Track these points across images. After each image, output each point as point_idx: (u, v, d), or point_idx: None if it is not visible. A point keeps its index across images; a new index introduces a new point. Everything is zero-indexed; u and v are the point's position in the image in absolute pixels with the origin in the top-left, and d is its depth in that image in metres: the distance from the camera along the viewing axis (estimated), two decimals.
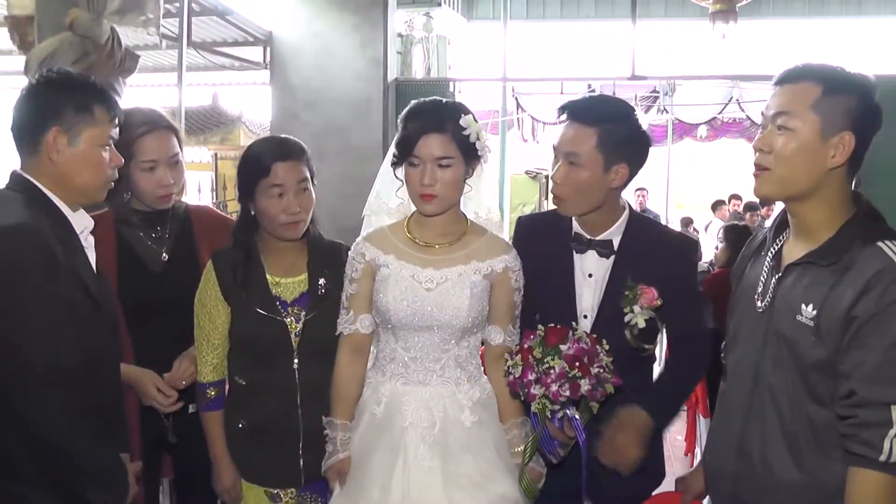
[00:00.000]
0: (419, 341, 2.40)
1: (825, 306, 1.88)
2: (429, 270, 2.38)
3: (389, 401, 2.41)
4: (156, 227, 2.78)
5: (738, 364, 2.15)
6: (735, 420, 2.11)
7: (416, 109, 2.37)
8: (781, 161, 1.95)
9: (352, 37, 8.08)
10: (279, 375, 2.57)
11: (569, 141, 2.40)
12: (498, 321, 2.45)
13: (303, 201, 2.53)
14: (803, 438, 1.95)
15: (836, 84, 1.93)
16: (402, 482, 2.31)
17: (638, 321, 2.34)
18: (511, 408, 2.44)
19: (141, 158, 2.64)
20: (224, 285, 2.58)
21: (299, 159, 2.54)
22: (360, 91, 8.06)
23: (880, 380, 1.80)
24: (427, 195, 2.32)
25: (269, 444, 2.59)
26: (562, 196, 2.44)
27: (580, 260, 2.52)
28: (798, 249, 2.01)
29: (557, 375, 2.17)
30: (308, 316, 2.57)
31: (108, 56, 3.83)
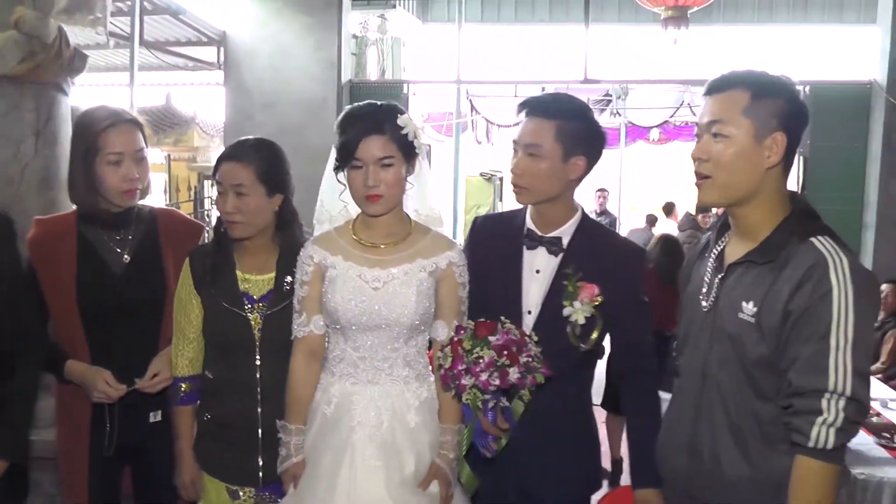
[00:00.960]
0: (368, 340, 2.43)
1: (765, 303, 1.95)
2: (375, 270, 2.41)
3: (339, 401, 2.43)
4: (119, 228, 2.73)
5: (688, 364, 2.21)
6: (686, 418, 2.17)
7: (354, 114, 2.40)
8: (721, 167, 2.02)
9: (306, 38, 8.09)
10: (241, 371, 2.59)
11: (529, 133, 2.47)
12: (444, 317, 2.47)
13: (241, 204, 2.54)
14: (750, 434, 2.02)
15: (764, 88, 2.01)
16: (348, 481, 2.33)
17: (578, 316, 2.36)
18: (450, 411, 2.46)
19: (107, 151, 2.60)
20: (196, 278, 2.62)
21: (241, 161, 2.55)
22: (315, 92, 8.09)
23: (812, 369, 1.88)
24: (372, 196, 2.35)
25: (230, 441, 2.61)
26: (522, 185, 2.49)
27: (530, 256, 2.56)
28: (739, 249, 2.08)
29: (486, 365, 2.19)
30: (268, 312, 2.60)
31: (55, 55, 3.76)
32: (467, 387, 2.22)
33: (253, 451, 2.59)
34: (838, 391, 1.86)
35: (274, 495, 2.59)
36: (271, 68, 8.16)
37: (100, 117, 2.61)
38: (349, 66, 8.47)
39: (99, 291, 2.66)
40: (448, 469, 2.40)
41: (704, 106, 2.09)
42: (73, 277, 2.62)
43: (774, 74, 2.06)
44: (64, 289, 2.62)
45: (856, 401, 1.87)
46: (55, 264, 2.64)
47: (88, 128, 2.45)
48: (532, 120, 2.47)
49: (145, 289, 2.70)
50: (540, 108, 2.48)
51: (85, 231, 2.69)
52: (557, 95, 2.64)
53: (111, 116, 2.64)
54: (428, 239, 2.49)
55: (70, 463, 2.74)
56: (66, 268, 2.62)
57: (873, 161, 7.64)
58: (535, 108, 2.49)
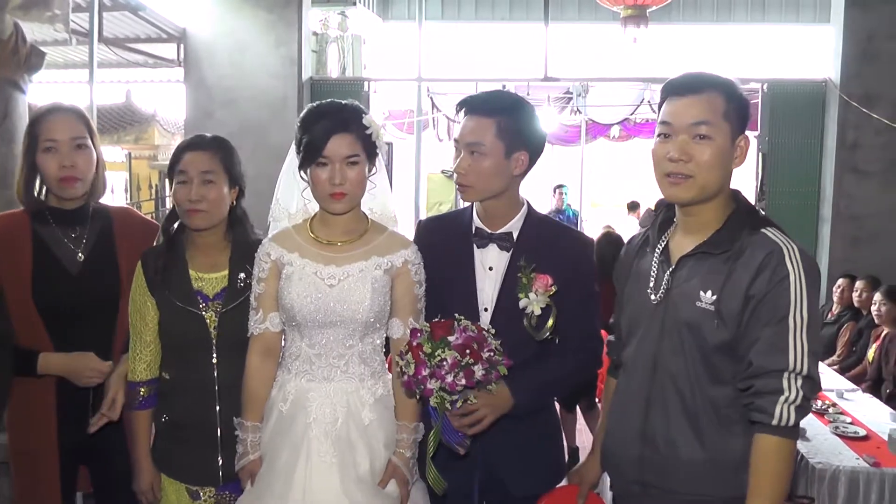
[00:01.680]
0: (323, 337, 2.44)
1: (724, 291, 2.03)
2: (331, 267, 2.43)
3: (295, 398, 2.45)
4: (74, 226, 2.70)
5: (635, 356, 2.25)
6: (635, 408, 2.21)
7: (320, 111, 2.41)
8: (705, 168, 2.07)
9: (266, 35, 8.08)
10: (198, 370, 2.57)
11: (470, 132, 2.49)
12: (399, 314, 2.49)
13: (205, 191, 2.53)
14: (705, 418, 2.08)
15: (731, 91, 2.10)
16: (304, 477, 2.35)
17: (534, 308, 2.38)
18: (407, 409, 2.48)
19: (43, 138, 2.60)
20: (149, 279, 2.59)
21: (209, 150, 2.57)
22: (276, 89, 8.08)
23: (772, 350, 1.97)
24: (337, 193, 2.37)
25: (189, 441, 2.59)
26: (467, 184, 2.51)
27: (481, 254, 2.58)
28: (687, 243, 2.15)
29: (451, 366, 2.20)
30: (223, 310, 2.59)
31: (11, 52, 3.74)
32: (434, 390, 2.22)
33: (212, 450, 2.58)
34: (797, 370, 1.95)
35: (234, 494, 2.58)
36: (231, 65, 8.13)
37: (40, 109, 2.63)
38: (310, 63, 8.46)
39: (55, 290, 2.63)
40: (405, 467, 2.43)
41: (676, 106, 2.11)
42: (28, 275, 2.60)
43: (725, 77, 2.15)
44: (20, 287, 2.59)
45: (811, 378, 1.97)
46: (10, 263, 2.60)
47: (30, 120, 2.49)
48: (472, 118, 2.49)
49: (101, 288, 2.68)
50: (478, 106, 2.51)
51: (39, 229, 2.65)
52: (495, 93, 2.68)
53: (49, 106, 2.66)
54: (384, 237, 2.51)
55: (35, 463, 2.69)
56: (21, 266, 2.59)
57: (828, 156, 7.81)
58: (473, 107, 2.51)
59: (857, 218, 7.63)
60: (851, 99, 7.51)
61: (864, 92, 7.52)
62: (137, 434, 2.64)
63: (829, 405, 4.67)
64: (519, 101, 2.57)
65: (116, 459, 2.72)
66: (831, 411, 4.57)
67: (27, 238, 2.62)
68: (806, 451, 3.95)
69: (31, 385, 2.61)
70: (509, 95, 2.62)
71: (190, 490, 2.62)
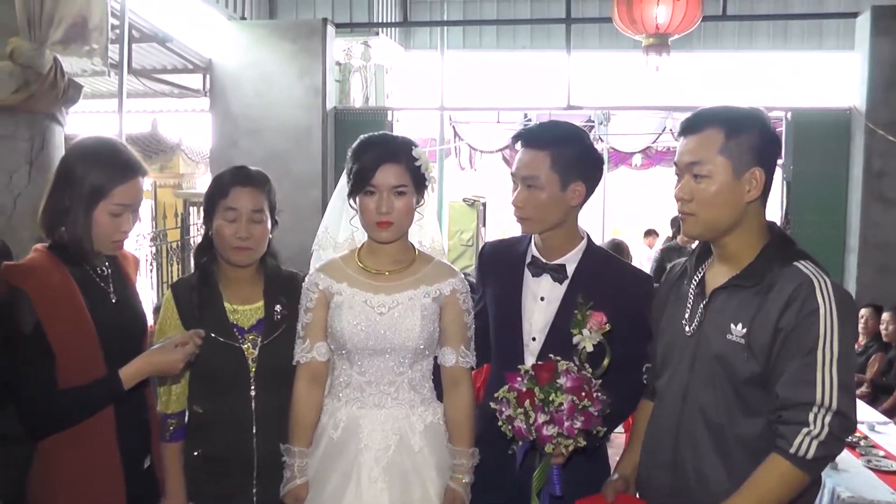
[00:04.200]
0: (374, 365, 2.47)
1: (754, 324, 2.03)
2: (381, 296, 2.46)
3: (346, 425, 2.47)
4: (95, 265, 2.53)
5: (667, 386, 2.27)
6: (666, 438, 2.23)
7: (371, 141, 2.47)
8: (703, 206, 2.11)
9: (291, 65, 8.15)
10: (235, 403, 2.57)
11: (525, 165, 2.51)
12: (450, 343, 2.52)
13: (254, 230, 2.55)
14: (735, 450, 2.08)
15: (736, 125, 2.10)
16: (354, 501, 2.38)
17: (586, 344, 2.33)
18: (464, 436, 2.51)
19: (114, 202, 2.41)
20: (183, 312, 2.59)
21: (260, 188, 2.58)
22: (300, 119, 8.13)
23: (799, 383, 1.96)
24: (384, 222, 2.41)
25: (224, 473, 2.59)
26: (524, 216, 2.54)
27: (534, 283, 2.60)
28: (721, 275, 2.16)
29: (568, 411, 2.19)
30: (264, 342, 2.60)
31: (50, 86, 3.83)
32: (553, 436, 2.20)
33: (248, 480, 2.58)
34: (825, 405, 1.94)
35: None
36: (256, 95, 8.20)
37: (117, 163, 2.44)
38: (334, 93, 8.53)
39: (112, 327, 2.44)
40: (465, 492, 2.45)
41: (681, 146, 2.17)
42: (87, 317, 2.39)
43: (745, 108, 2.16)
44: (83, 330, 2.37)
45: (841, 415, 1.95)
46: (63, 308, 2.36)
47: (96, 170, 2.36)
48: (527, 151, 2.52)
49: (135, 320, 2.62)
50: (532, 138, 2.54)
51: (72, 270, 2.43)
52: (549, 124, 2.69)
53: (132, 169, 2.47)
54: (431, 266, 2.55)
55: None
56: (76, 309, 2.38)
57: (855, 185, 7.75)
58: (528, 140, 2.54)
59: (885, 246, 7.55)
60: (877, 127, 7.46)
61: (891, 119, 7.46)
62: (169, 466, 2.63)
63: (860, 438, 4.61)
64: (574, 131, 2.61)
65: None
66: (863, 444, 4.51)
67: (70, 280, 2.41)
68: (836, 484, 3.90)
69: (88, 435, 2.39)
70: (564, 126, 2.65)
71: None
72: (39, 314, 2.29)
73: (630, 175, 16.36)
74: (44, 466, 2.39)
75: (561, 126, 2.66)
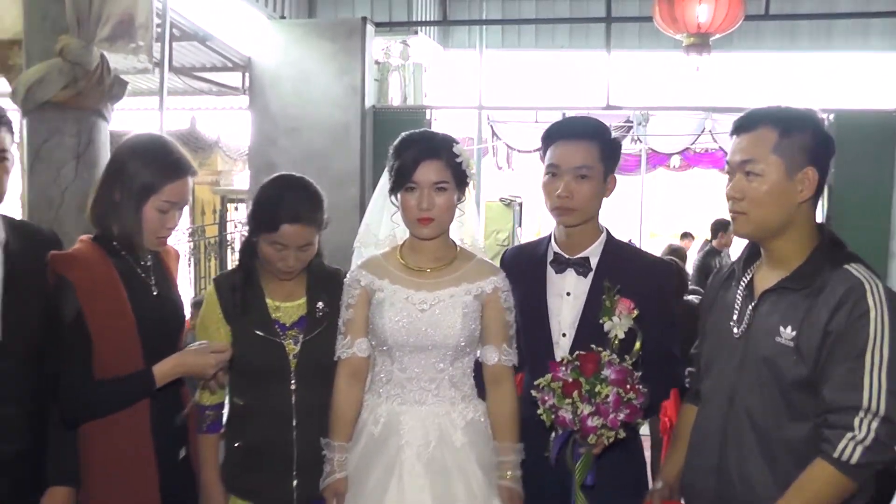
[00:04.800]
0: (415, 362, 2.49)
1: (804, 327, 2.02)
2: (422, 293, 2.49)
3: (387, 420, 2.50)
4: (139, 258, 2.57)
5: (713, 389, 2.26)
6: (712, 442, 2.22)
7: (412, 138, 2.50)
8: (755, 205, 2.10)
9: (330, 64, 8.15)
10: (276, 397, 2.60)
11: (582, 155, 2.53)
12: (492, 341, 2.54)
13: (302, 256, 2.57)
14: (782, 454, 2.07)
15: (791, 124, 2.09)
16: (396, 497, 2.40)
17: (618, 331, 2.35)
18: (510, 431, 2.52)
19: (163, 198, 2.47)
20: (225, 307, 2.62)
21: (310, 223, 2.55)
22: (338, 118, 8.13)
23: (846, 386, 1.95)
24: (424, 218, 2.44)
25: (264, 465, 2.62)
26: (572, 207, 2.54)
27: (559, 280, 2.62)
28: (771, 277, 2.15)
29: (614, 403, 2.21)
30: (306, 339, 2.62)
31: (97, 83, 3.90)
32: (597, 427, 2.21)
33: (287, 473, 2.61)
34: (872, 410, 1.92)
35: None
36: (295, 94, 8.22)
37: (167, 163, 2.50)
38: (372, 92, 8.52)
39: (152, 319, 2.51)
40: (518, 488, 2.48)
41: (733, 145, 2.17)
42: (128, 308, 2.45)
43: (799, 108, 2.16)
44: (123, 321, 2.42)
45: (889, 420, 1.93)
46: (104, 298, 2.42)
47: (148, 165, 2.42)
48: (578, 143, 2.54)
49: (175, 313, 2.67)
50: (581, 131, 2.58)
51: (115, 262, 2.50)
52: (590, 119, 2.71)
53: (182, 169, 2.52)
54: (473, 264, 2.57)
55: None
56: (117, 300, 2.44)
57: None
58: (576, 133, 2.57)
59: None
60: None
61: None
62: (206, 457, 2.67)
63: None
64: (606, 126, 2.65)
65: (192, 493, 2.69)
66: None
67: (113, 271, 2.47)
68: None
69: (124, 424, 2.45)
70: (598, 120, 2.67)
71: None
72: (81, 303, 2.36)
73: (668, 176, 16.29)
74: (82, 451, 2.44)
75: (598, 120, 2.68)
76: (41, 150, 3.99)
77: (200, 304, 2.81)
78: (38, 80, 3.79)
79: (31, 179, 4.03)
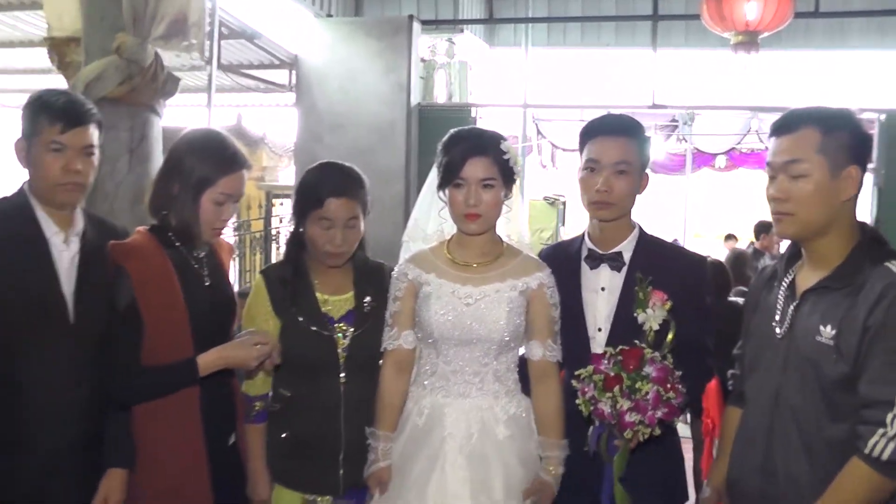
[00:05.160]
0: (459, 355, 2.53)
1: (844, 324, 2.02)
2: (468, 287, 2.52)
3: (431, 412, 2.54)
4: (193, 250, 2.63)
5: (758, 389, 2.27)
6: (758, 441, 2.23)
7: (460, 135, 2.54)
8: (802, 205, 2.11)
9: (376, 62, 8.24)
10: (325, 390, 2.65)
11: (623, 151, 2.56)
12: (537, 336, 2.56)
13: (349, 235, 2.62)
14: (826, 454, 2.07)
15: (831, 124, 2.10)
16: (438, 488, 2.43)
17: (652, 323, 2.37)
18: (555, 427, 2.54)
19: (219, 191, 2.54)
20: (275, 300, 2.67)
21: (354, 197, 2.62)
22: (384, 115, 8.21)
23: (880, 381, 1.95)
24: (472, 214, 2.47)
25: (311, 455, 2.66)
26: (611, 202, 2.57)
27: (593, 276, 2.65)
28: (812, 277, 2.16)
29: (654, 401, 2.23)
30: (355, 332, 2.67)
31: (151, 79, 4.02)
32: (634, 423, 2.23)
33: (334, 462, 2.66)
34: None
35: (353, 501, 2.66)
36: (342, 91, 8.31)
37: (223, 156, 2.57)
38: (418, 89, 8.57)
39: (203, 310, 2.57)
40: (556, 484, 2.49)
41: (775, 146, 2.17)
42: (180, 299, 2.51)
43: (837, 108, 2.16)
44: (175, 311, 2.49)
45: None
46: (158, 288, 2.49)
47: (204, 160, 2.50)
48: (616, 139, 2.57)
49: (227, 304, 2.73)
50: (622, 128, 2.61)
51: (169, 253, 2.56)
52: (627, 116, 2.73)
53: (237, 162, 2.59)
54: (519, 260, 2.59)
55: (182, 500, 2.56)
56: (171, 290, 2.50)
57: None
58: (614, 129, 2.60)
59: None
60: None
61: None
62: (253, 446, 2.72)
63: None
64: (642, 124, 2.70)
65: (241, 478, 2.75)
66: None
67: (167, 261, 2.53)
68: None
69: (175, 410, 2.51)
70: (634, 118, 2.70)
71: (306, 499, 2.69)
72: (136, 292, 2.45)
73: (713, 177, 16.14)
74: (136, 436, 2.52)
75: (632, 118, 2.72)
76: None
77: (246, 294, 2.85)
78: (96, 76, 3.90)
79: None
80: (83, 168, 2.40)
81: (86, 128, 2.41)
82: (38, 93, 2.43)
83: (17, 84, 11.54)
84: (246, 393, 2.72)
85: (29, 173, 2.44)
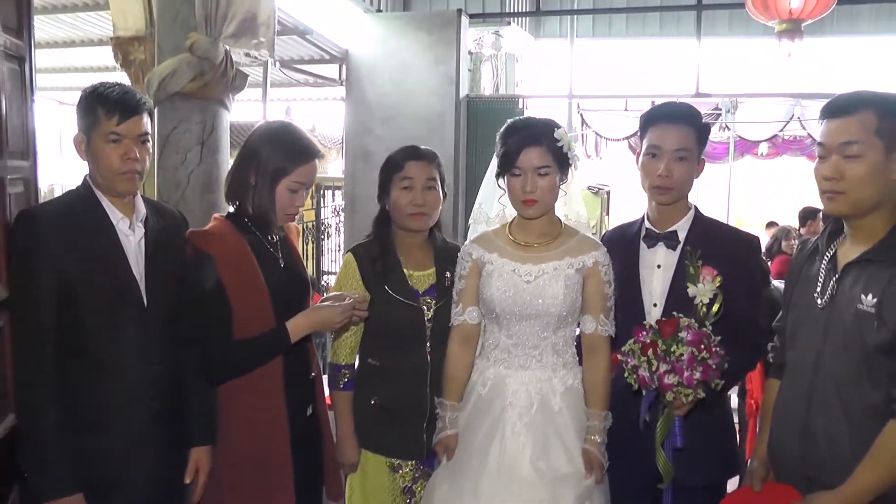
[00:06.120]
0: (520, 329, 2.68)
1: (885, 294, 2.12)
2: (528, 266, 2.67)
3: (493, 383, 2.70)
4: (267, 234, 2.76)
5: (798, 357, 2.37)
6: (798, 406, 2.32)
7: (515, 126, 2.68)
8: (856, 185, 2.20)
9: (426, 55, 8.37)
10: (413, 357, 2.86)
11: (684, 139, 2.68)
12: (590, 311, 2.70)
13: (428, 198, 2.85)
14: (866, 419, 2.15)
15: (888, 107, 2.19)
16: (499, 453, 2.58)
17: (702, 297, 2.44)
18: (599, 398, 2.66)
19: (293, 179, 2.67)
20: (365, 275, 2.88)
21: (430, 161, 2.88)
22: (434, 106, 8.36)
23: None
24: (529, 200, 2.63)
25: (398, 421, 2.86)
26: (670, 186, 2.71)
27: (650, 254, 2.79)
28: (854, 251, 2.27)
29: (688, 361, 2.33)
30: (437, 305, 2.88)
31: (221, 75, 4.22)
32: (673, 385, 2.34)
33: (419, 428, 2.84)
34: None
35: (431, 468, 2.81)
36: (392, 84, 8.45)
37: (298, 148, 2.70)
38: (466, 81, 8.67)
39: (281, 288, 2.69)
40: (598, 452, 2.58)
41: (829, 127, 2.24)
42: (261, 279, 2.64)
43: (891, 92, 2.23)
44: (257, 290, 2.63)
45: None
46: (240, 270, 2.62)
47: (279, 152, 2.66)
48: (679, 126, 2.69)
49: (301, 284, 2.85)
50: (682, 115, 2.71)
51: (247, 238, 2.69)
52: (687, 104, 2.84)
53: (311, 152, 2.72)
54: (576, 240, 2.73)
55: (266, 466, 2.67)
56: (251, 271, 2.63)
57: None
58: (679, 117, 2.71)
59: None
60: None
61: None
62: (341, 412, 2.91)
63: None
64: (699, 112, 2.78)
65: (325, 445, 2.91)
66: None
67: (245, 245, 2.67)
68: None
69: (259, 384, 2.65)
70: (693, 106, 2.81)
71: (391, 464, 2.86)
72: (221, 274, 2.58)
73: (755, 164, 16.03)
74: (221, 410, 2.68)
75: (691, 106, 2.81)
76: (170, 136, 4.33)
77: None
78: (171, 73, 4.10)
79: (161, 163, 4.36)
80: (140, 155, 2.48)
81: (140, 117, 2.48)
82: (92, 86, 2.48)
83: (77, 82, 11.73)
84: (334, 363, 2.91)
85: (89, 165, 2.50)
